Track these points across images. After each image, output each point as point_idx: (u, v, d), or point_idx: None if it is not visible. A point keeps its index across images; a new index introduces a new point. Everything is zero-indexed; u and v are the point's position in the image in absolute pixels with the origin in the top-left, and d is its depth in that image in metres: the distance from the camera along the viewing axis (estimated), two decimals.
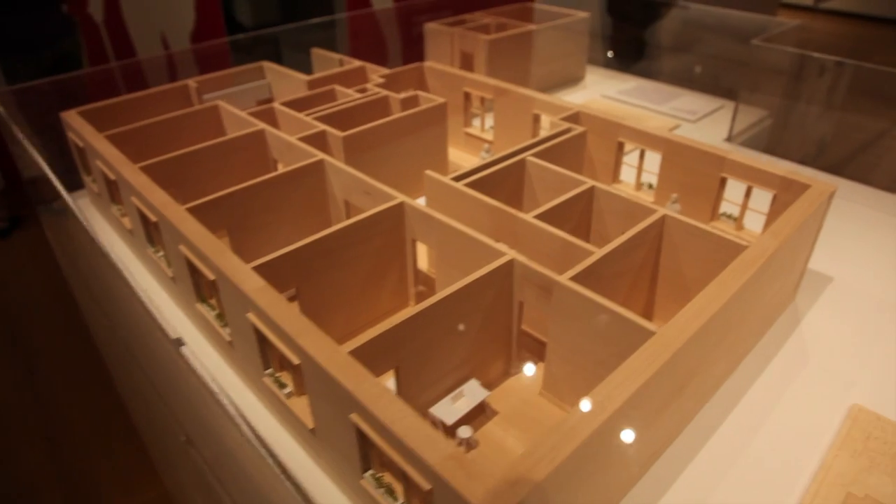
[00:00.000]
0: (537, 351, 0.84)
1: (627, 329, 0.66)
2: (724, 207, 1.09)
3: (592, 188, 0.91)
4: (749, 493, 0.74)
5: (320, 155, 1.00)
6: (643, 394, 0.59)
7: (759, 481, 0.75)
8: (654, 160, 1.12)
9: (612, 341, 0.68)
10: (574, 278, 0.71)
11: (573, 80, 1.97)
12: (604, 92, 1.88)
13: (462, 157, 1.42)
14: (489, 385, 0.82)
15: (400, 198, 0.88)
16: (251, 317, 0.71)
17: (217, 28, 2.91)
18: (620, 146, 1.15)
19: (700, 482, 0.74)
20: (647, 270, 0.88)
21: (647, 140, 1.09)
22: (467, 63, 1.72)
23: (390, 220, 0.88)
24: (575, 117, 1.15)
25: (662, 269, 0.89)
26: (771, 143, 1.73)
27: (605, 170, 1.18)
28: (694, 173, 1.06)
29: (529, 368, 0.84)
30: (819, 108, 1.83)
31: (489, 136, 1.38)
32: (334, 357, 0.62)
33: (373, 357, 0.66)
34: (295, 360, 0.66)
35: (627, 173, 1.20)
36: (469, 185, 0.93)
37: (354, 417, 0.59)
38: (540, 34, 1.78)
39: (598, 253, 0.76)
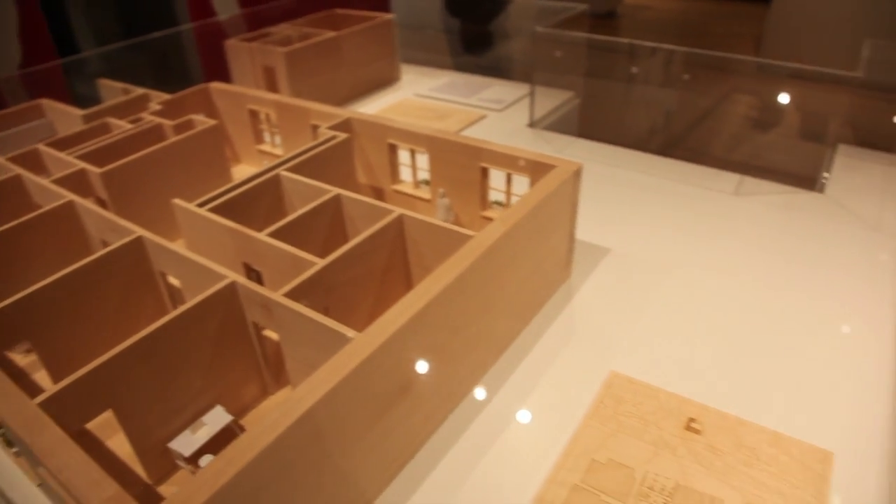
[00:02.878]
0: None
1: (331, 337, 0.67)
2: (497, 196, 1.12)
3: (338, 196, 0.92)
4: (504, 470, 0.76)
5: (69, 196, 0.97)
6: (338, 399, 0.60)
7: (516, 458, 0.78)
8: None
9: (325, 350, 0.69)
10: (289, 293, 0.72)
11: (387, 81, 1.98)
12: (417, 91, 1.90)
13: None
14: (245, 409, 0.82)
15: (138, 232, 0.86)
16: None
17: (48, 57, 2.76)
18: (393, 148, 1.16)
19: (462, 463, 0.77)
20: (399, 269, 0.90)
21: (413, 139, 1.11)
22: (270, 78, 1.71)
23: (131, 255, 0.86)
24: (345, 124, 1.16)
25: (413, 266, 0.91)
26: (578, 125, 1.80)
27: (383, 172, 1.19)
28: (459, 166, 1.08)
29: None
30: (622, 88, 1.92)
31: (280, 151, 1.37)
32: (20, 410, 0.59)
33: (76, 402, 0.64)
34: None
35: (410, 173, 1.22)
36: (219, 207, 0.92)
37: (42, 471, 0.57)
38: (346, 40, 1.79)
39: (320, 263, 0.77)
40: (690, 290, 1.06)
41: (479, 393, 0.87)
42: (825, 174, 1.44)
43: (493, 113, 1.73)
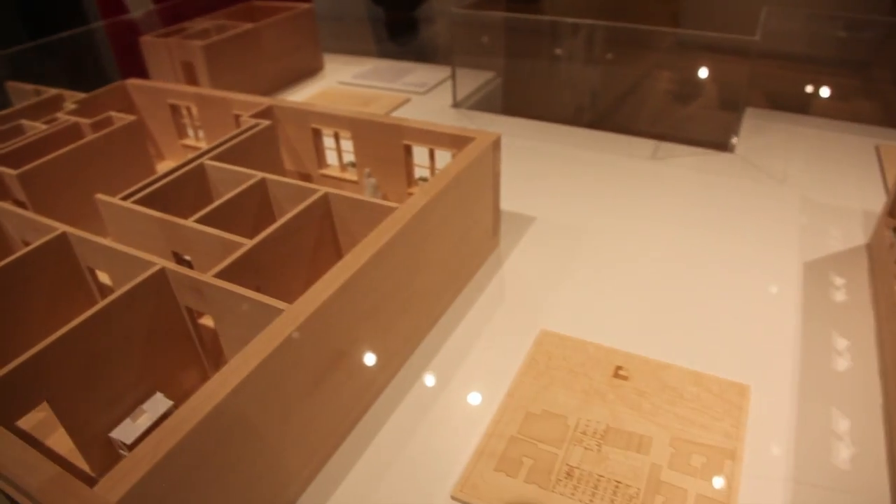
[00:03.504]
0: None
1: (263, 311, 0.68)
2: (422, 172, 1.15)
3: (263, 180, 0.93)
4: (445, 428, 0.79)
5: None
6: (272, 369, 0.62)
7: (456, 416, 0.81)
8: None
9: (258, 326, 0.70)
10: (219, 274, 0.73)
11: (310, 71, 1.98)
12: (341, 79, 1.91)
13: None
14: (187, 394, 0.82)
15: (61, 228, 0.85)
16: None
17: None
18: (317, 132, 1.17)
19: (405, 423, 0.79)
20: (329, 246, 0.92)
21: (336, 122, 1.13)
22: (189, 73, 1.68)
23: (56, 252, 0.85)
24: (267, 112, 1.17)
25: (343, 242, 0.93)
26: (502, 103, 1.84)
27: (309, 158, 1.20)
28: (382, 146, 1.10)
29: None
30: (543, 65, 1.97)
31: (204, 144, 1.36)
32: None
33: (10, 396, 0.64)
34: None
35: (336, 156, 1.23)
36: (143, 199, 0.91)
37: None
38: (264, 31, 1.78)
39: (248, 244, 0.78)
40: (613, 249, 1.11)
41: (418, 358, 0.90)
42: (734, 137, 1.51)
43: (416, 96, 1.75)
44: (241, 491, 0.63)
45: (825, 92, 1.87)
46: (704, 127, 1.63)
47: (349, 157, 1.20)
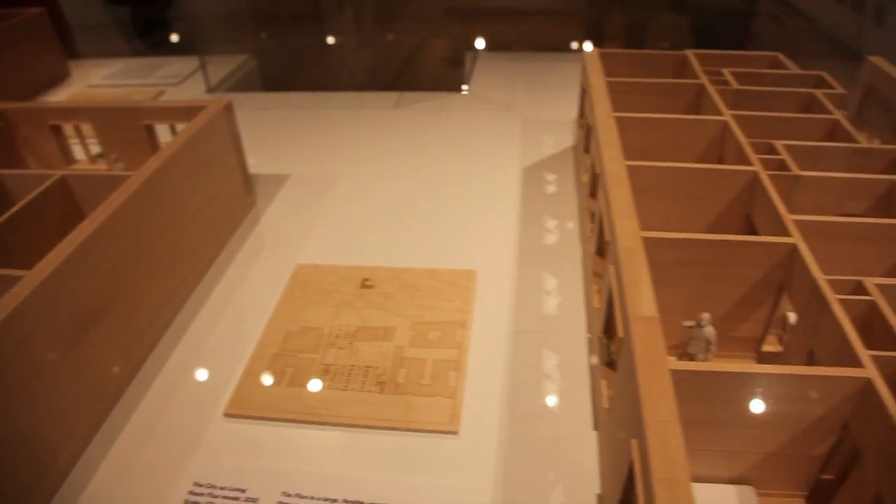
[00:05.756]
0: None
1: (3, 282, 0.72)
2: None
3: None
4: (216, 359, 0.87)
5: None
6: (16, 329, 0.67)
7: (225, 349, 0.89)
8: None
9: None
10: None
11: (55, 79, 1.92)
12: (90, 82, 1.88)
13: None
14: None
15: None
16: None
17: None
18: (56, 129, 1.19)
19: (182, 360, 0.86)
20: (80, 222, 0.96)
21: (73, 115, 1.15)
22: None
23: None
24: None
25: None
26: (260, 82, 1.91)
27: (55, 156, 1.21)
28: (124, 130, 1.15)
29: None
30: (297, 41, 2.05)
31: None
32: None
33: None
34: None
35: (82, 150, 1.25)
36: None
37: None
38: None
39: None
40: (360, 188, 1.24)
41: (189, 308, 0.97)
42: (464, 85, 1.70)
43: (171, 87, 1.78)
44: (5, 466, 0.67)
45: (530, 33, 2.13)
46: (441, 74, 1.81)
47: (95, 148, 1.23)
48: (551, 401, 0.80)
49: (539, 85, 1.65)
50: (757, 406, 0.59)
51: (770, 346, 0.81)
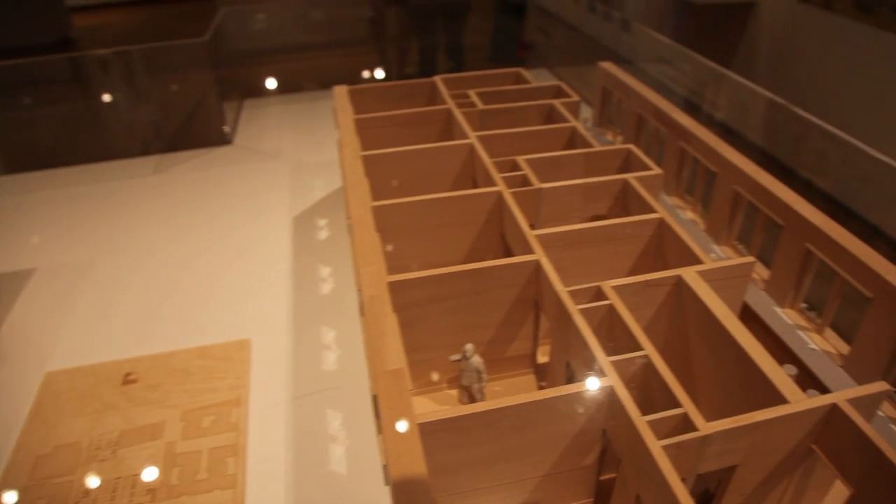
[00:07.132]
0: None
1: None
2: None
3: None
4: None
5: None
6: None
7: None
8: None
9: None
10: None
11: None
12: None
13: None
14: None
15: None
16: None
17: None
18: None
19: None
20: None
21: None
22: None
23: None
24: None
25: None
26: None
27: None
28: None
29: None
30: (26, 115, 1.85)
31: None
32: None
33: None
34: None
35: None
36: None
37: None
38: None
39: None
40: (117, 274, 1.13)
41: None
42: (227, 128, 1.62)
43: None
44: None
45: (305, 72, 2.11)
46: (202, 129, 1.71)
47: None
48: (341, 465, 0.76)
49: (307, 127, 1.62)
50: (515, 436, 0.59)
51: (546, 357, 0.83)
